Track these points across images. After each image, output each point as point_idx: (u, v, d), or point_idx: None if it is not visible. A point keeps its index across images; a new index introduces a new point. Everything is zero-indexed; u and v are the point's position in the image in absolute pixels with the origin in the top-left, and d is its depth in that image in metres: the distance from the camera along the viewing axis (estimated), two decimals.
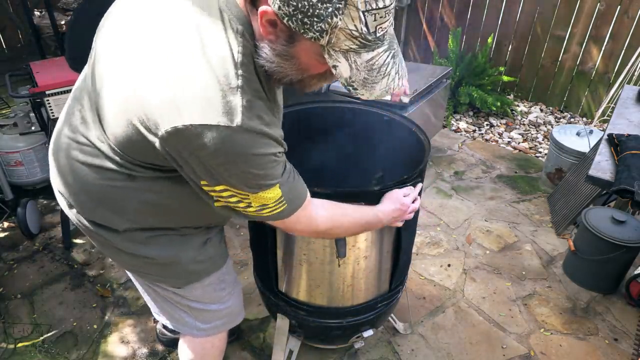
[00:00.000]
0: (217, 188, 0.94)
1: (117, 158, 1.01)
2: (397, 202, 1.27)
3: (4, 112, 3.17)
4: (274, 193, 0.97)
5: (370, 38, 0.81)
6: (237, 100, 0.84)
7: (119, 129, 0.95)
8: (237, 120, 0.84)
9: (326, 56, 0.83)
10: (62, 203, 1.19)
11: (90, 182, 1.06)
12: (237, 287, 1.43)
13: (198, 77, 0.84)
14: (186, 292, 1.27)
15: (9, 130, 2.62)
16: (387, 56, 0.85)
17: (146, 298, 1.39)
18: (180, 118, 0.83)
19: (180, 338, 1.51)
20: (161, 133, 0.86)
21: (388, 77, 0.87)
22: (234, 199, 0.96)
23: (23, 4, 3.18)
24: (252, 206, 0.97)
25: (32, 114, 2.64)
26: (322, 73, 0.92)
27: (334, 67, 0.84)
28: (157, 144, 0.89)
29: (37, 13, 5.19)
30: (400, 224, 1.34)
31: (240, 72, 0.85)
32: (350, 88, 0.87)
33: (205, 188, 0.95)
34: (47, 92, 2.18)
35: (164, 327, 1.85)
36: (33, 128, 2.64)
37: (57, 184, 1.16)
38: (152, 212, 1.10)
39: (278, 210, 1.00)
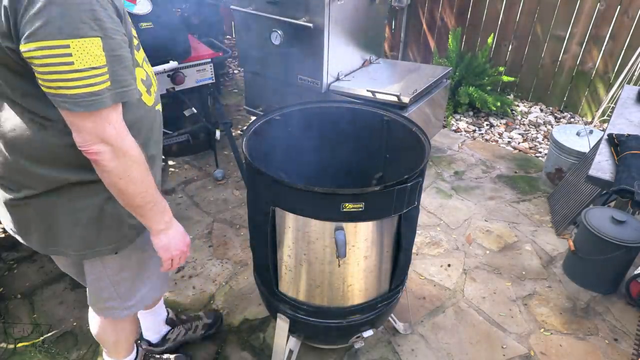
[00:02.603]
0: (34, 45, 0.86)
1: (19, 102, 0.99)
2: (184, 243, 1.27)
3: None
4: (98, 50, 0.90)
5: None
6: None
7: None
8: None
9: None
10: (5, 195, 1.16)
11: (15, 144, 1.05)
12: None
13: None
14: (121, 259, 1.29)
15: None
16: None
17: (90, 288, 1.37)
18: None
19: (96, 318, 1.50)
20: None
21: None
22: (54, 60, 0.87)
23: None
24: (76, 68, 0.89)
25: None
26: None
27: None
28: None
29: None
30: (162, 253, 1.25)
31: None
32: None
33: (25, 54, 0.88)
34: None
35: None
36: None
37: None
38: (70, 155, 1.06)
39: (102, 85, 0.93)
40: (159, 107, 1.26)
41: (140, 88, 1.12)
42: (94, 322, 1.53)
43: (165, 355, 1.84)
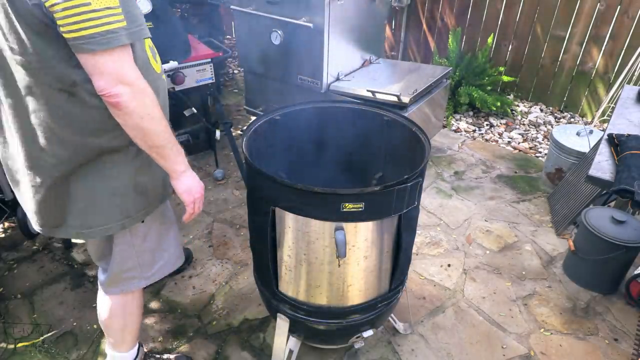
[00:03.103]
0: None
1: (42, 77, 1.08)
2: (201, 187, 1.36)
3: None
4: None
5: None
6: None
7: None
8: None
9: None
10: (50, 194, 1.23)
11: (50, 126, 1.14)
12: (175, 225, 1.55)
13: None
14: (145, 227, 1.41)
15: None
16: None
17: (115, 259, 1.44)
18: None
19: (105, 296, 1.56)
20: None
21: None
22: (73, 3, 0.96)
23: None
24: (93, 8, 0.98)
25: None
26: None
27: None
28: None
29: None
30: (186, 197, 1.33)
31: None
32: None
33: (47, 3, 0.96)
34: None
35: None
36: None
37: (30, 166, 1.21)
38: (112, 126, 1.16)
39: (118, 24, 1.02)
40: (164, 76, 1.36)
41: (149, 54, 1.23)
42: (104, 305, 1.57)
43: (165, 356, 1.84)
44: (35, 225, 1.31)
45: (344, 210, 1.28)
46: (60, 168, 1.19)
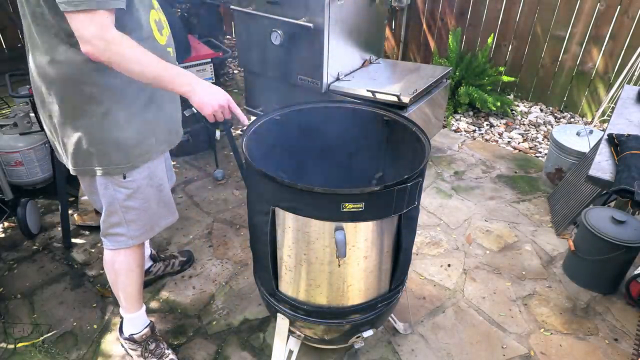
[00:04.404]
0: None
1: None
2: (221, 95, 1.40)
3: (4, 112, 3.17)
4: None
5: None
6: None
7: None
8: None
9: None
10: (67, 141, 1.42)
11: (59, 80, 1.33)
12: (165, 190, 1.64)
13: None
14: (128, 181, 1.50)
15: (9, 130, 2.62)
16: None
17: (104, 212, 1.57)
18: None
19: (106, 257, 1.70)
20: None
21: None
22: None
23: None
24: None
25: (32, 114, 2.64)
26: None
27: None
28: None
29: None
30: (208, 110, 1.38)
31: None
32: None
33: None
34: None
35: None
36: (33, 128, 2.64)
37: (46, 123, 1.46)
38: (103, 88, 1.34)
39: None
40: (170, 49, 1.54)
41: (152, 27, 1.41)
42: (105, 261, 1.69)
43: (169, 351, 1.85)
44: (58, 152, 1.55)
45: (344, 210, 1.28)
46: (62, 108, 1.37)
